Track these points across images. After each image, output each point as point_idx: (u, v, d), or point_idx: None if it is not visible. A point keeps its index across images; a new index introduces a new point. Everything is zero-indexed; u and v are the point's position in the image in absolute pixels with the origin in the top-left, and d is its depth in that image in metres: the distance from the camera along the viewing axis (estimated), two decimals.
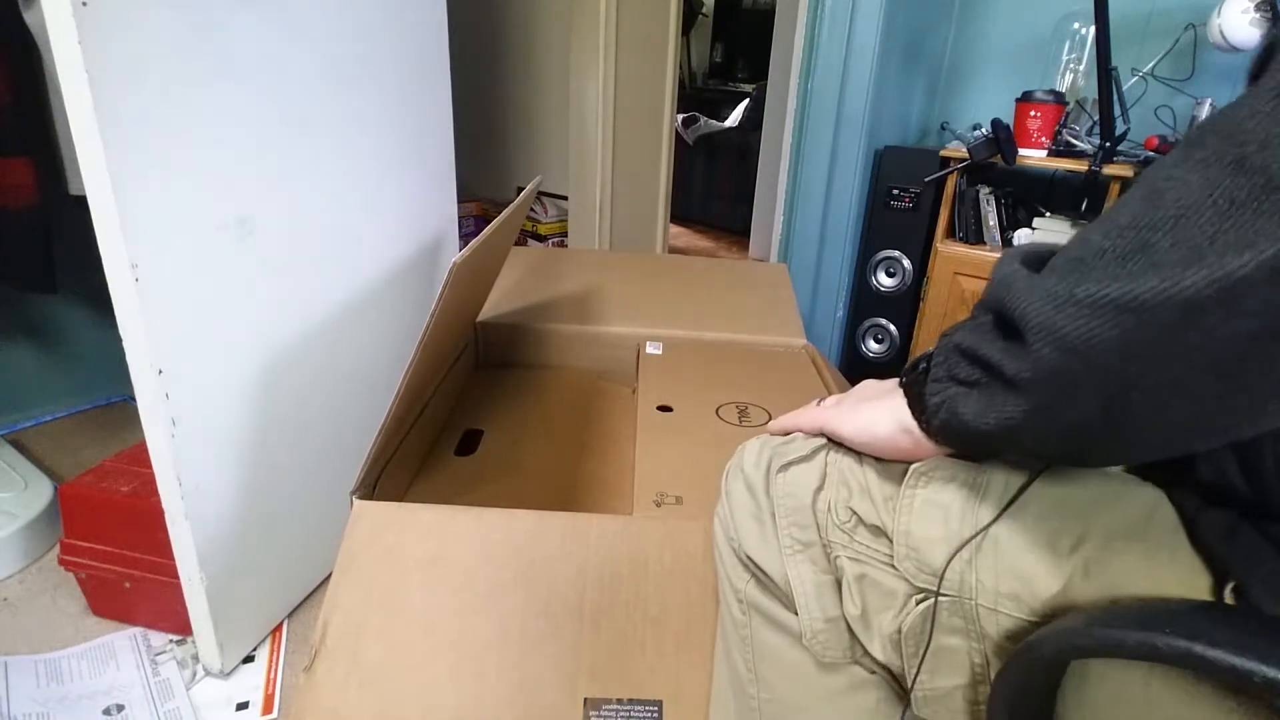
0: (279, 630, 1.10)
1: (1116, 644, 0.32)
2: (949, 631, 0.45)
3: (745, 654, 0.57)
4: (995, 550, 0.43)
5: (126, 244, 0.74)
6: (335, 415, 1.11)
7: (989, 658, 0.44)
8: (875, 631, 0.48)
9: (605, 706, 0.70)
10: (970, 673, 0.45)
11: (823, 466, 0.52)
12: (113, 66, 0.70)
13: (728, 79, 4.52)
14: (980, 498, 0.44)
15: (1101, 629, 0.34)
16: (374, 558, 0.74)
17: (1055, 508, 0.42)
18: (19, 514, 1.22)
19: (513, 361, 1.31)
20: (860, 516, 0.49)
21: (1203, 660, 0.28)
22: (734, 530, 0.56)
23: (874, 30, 1.71)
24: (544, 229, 2.59)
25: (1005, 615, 0.42)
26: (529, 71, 2.57)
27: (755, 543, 0.54)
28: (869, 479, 0.49)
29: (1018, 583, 0.42)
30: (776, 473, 0.54)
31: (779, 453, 0.54)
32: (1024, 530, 0.42)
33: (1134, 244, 0.30)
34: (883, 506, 0.48)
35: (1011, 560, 0.42)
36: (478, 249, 0.85)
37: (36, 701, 0.96)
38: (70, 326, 1.59)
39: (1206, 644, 0.28)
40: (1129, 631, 0.32)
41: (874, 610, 0.48)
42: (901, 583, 0.47)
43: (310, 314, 1.03)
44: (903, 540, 0.46)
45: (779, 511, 0.53)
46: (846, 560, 0.49)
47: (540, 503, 0.77)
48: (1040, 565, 0.41)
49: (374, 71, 1.08)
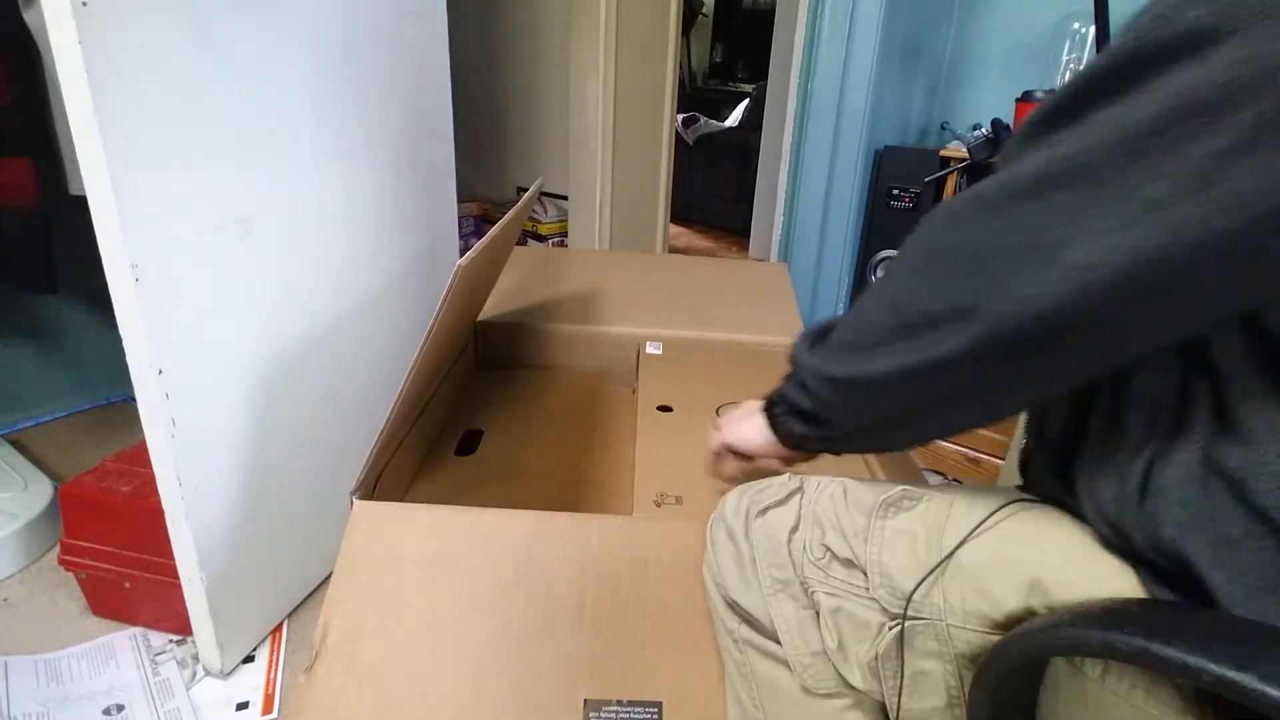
0: (279, 630, 1.10)
1: (1080, 643, 0.35)
2: (925, 655, 0.48)
3: (749, 690, 0.60)
4: (960, 573, 0.46)
5: (126, 244, 0.74)
6: (335, 415, 1.11)
7: (963, 679, 0.47)
8: (854, 662, 0.51)
9: (605, 708, 0.70)
10: (947, 695, 0.48)
11: (797, 509, 0.57)
12: (113, 66, 0.70)
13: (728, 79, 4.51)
14: (944, 526, 0.49)
15: (1066, 629, 0.35)
16: (374, 558, 0.74)
17: (1011, 534, 0.47)
18: (19, 514, 1.21)
19: (513, 361, 1.31)
20: (834, 552, 0.53)
21: (1157, 658, 0.30)
22: (720, 576, 0.61)
23: (874, 30, 1.71)
24: (544, 229, 2.59)
25: (974, 632, 0.46)
26: (529, 71, 2.57)
27: (738, 586, 0.59)
28: (840, 516, 0.54)
29: (983, 601, 0.45)
30: (754, 517, 0.59)
31: (756, 500, 0.60)
32: (985, 553, 0.46)
33: (861, 337, 0.47)
34: (854, 539, 0.52)
35: (976, 581, 0.46)
36: (482, 251, 0.85)
37: (36, 701, 0.96)
38: (70, 326, 1.58)
39: (1161, 643, 0.30)
40: (1091, 631, 0.34)
41: (850, 642, 0.52)
42: (875, 613, 0.50)
43: (310, 314, 1.03)
44: (875, 569, 0.50)
45: (758, 554, 0.57)
46: (823, 595, 0.53)
47: (540, 503, 0.77)
48: (1002, 584, 0.45)
49: (374, 72, 1.08)
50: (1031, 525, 0.47)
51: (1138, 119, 0.33)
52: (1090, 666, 0.39)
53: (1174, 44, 0.32)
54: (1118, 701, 0.38)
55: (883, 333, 0.45)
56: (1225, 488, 0.37)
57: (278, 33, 0.89)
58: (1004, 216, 0.38)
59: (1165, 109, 0.33)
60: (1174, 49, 0.32)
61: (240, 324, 0.91)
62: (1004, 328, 0.38)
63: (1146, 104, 0.33)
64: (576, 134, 2.37)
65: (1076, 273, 0.35)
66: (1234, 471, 0.37)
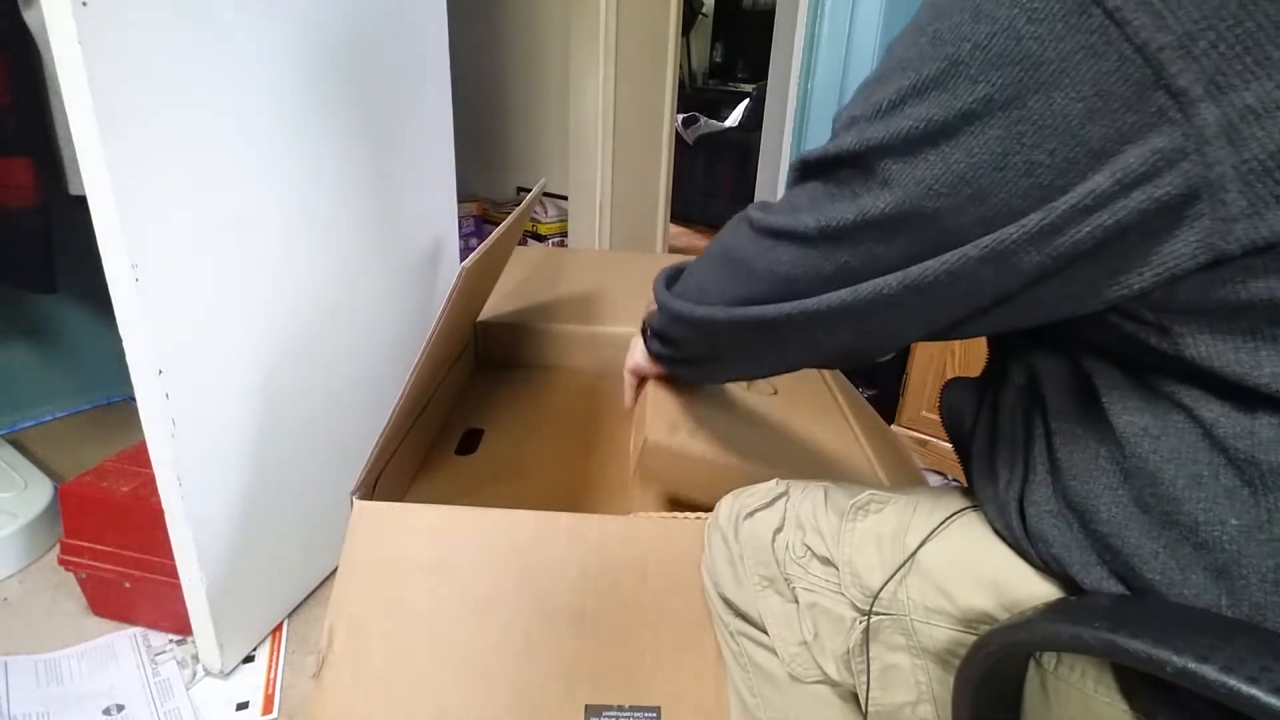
0: (279, 630, 1.10)
1: (1052, 636, 0.36)
2: (893, 649, 0.51)
3: (747, 680, 0.63)
4: (921, 572, 0.50)
5: (126, 244, 0.74)
6: (335, 415, 1.11)
7: (931, 675, 0.50)
8: (829, 654, 0.55)
9: (606, 712, 0.70)
10: (917, 690, 0.51)
11: (782, 511, 0.60)
12: (113, 66, 0.70)
13: (728, 79, 4.51)
14: (907, 528, 0.52)
15: (1040, 624, 0.37)
16: (376, 561, 0.74)
17: (964, 535, 0.50)
18: (19, 514, 1.21)
19: (513, 361, 1.31)
20: (813, 550, 0.56)
21: (1124, 651, 0.31)
22: (715, 576, 0.65)
23: (874, 30, 1.71)
24: (544, 229, 2.59)
25: (937, 627, 0.48)
26: (529, 71, 2.57)
27: (731, 584, 0.63)
28: (819, 517, 0.57)
29: (943, 598, 0.48)
30: (743, 520, 0.62)
31: (744, 504, 0.63)
32: (943, 553, 0.50)
33: (696, 284, 0.57)
34: (830, 539, 0.55)
35: (935, 579, 0.49)
36: (487, 252, 0.86)
37: (36, 701, 0.96)
38: (70, 326, 1.58)
39: (1128, 635, 0.31)
40: (1062, 625, 0.35)
41: (825, 635, 0.55)
42: (847, 609, 0.53)
43: (310, 314, 1.03)
44: (846, 569, 0.53)
45: (745, 553, 0.61)
46: (801, 590, 0.56)
47: (540, 503, 0.77)
48: (959, 582, 0.48)
49: (374, 71, 1.08)
50: (981, 528, 0.50)
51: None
52: (1046, 658, 0.41)
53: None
54: (1069, 689, 0.40)
55: (698, 294, 0.56)
56: (1077, 520, 0.41)
57: (278, 33, 0.89)
58: (777, 250, 0.47)
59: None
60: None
61: (240, 324, 0.91)
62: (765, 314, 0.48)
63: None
64: (576, 134, 2.37)
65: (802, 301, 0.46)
66: (1078, 504, 0.41)
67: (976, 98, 0.34)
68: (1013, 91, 0.33)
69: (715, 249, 0.55)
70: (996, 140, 0.34)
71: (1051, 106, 0.33)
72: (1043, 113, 0.33)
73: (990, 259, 0.37)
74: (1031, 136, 0.33)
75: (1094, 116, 0.32)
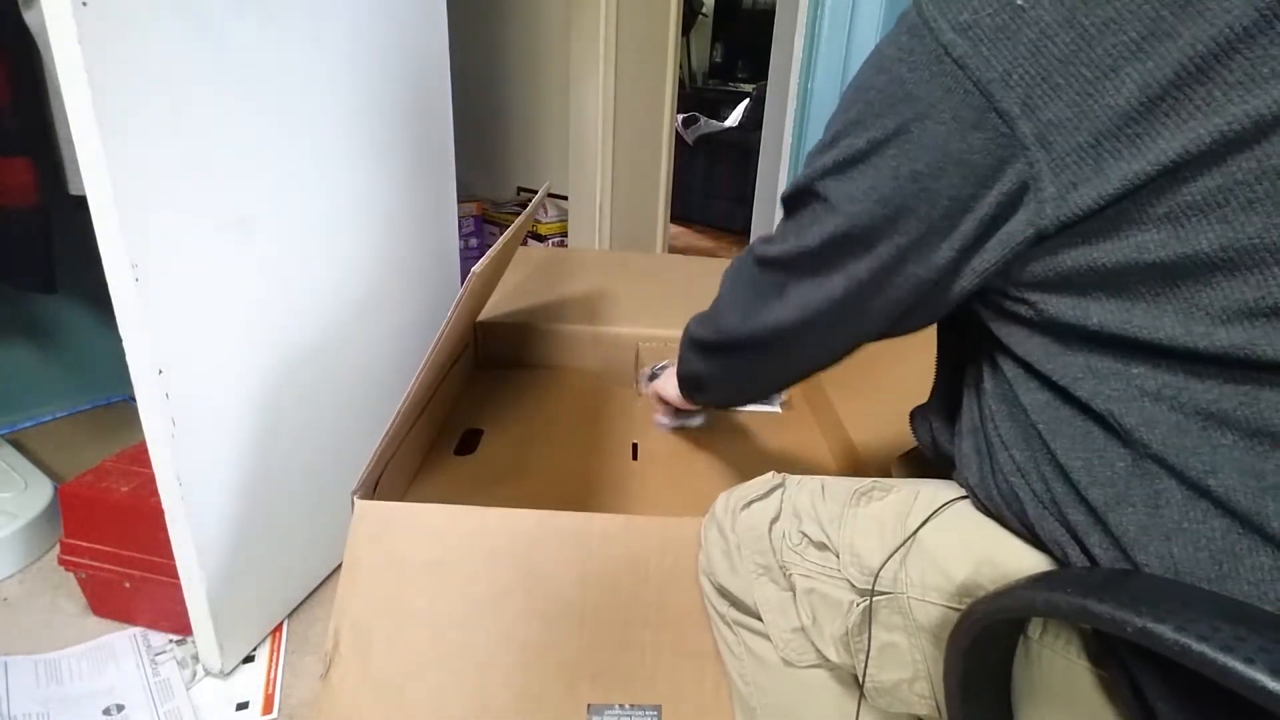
0: (279, 630, 1.10)
1: (1029, 602, 0.40)
2: (890, 628, 0.54)
3: (742, 668, 0.66)
4: (921, 551, 0.53)
5: (126, 244, 0.74)
6: (336, 415, 1.11)
7: (926, 652, 0.53)
8: (827, 637, 0.57)
9: (608, 711, 0.70)
10: (913, 668, 0.53)
11: (779, 502, 0.63)
12: (113, 66, 0.70)
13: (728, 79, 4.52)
14: (909, 511, 0.55)
15: (1020, 591, 0.40)
16: (378, 561, 0.74)
17: (963, 517, 0.54)
18: (19, 514, 1.21)
19: (513, 361, 1.31)
20: (809, 537, 0.59)
21: (1094, 615, 0.34)
22: (710, 567, 0.68)
23: (874, 30, 1.71)
24: (544, 229, 2.59)
25: (932, 605, 0.52)
26: (529, 71, 2.57)
27: (726, 574, 0.65)
28: (817, 506, 0.60)
29: (940, 576, 0.51)
30: (740, 511, 0.65)
31: (741, 496, 0.67)
32: (942, 533, 0.53)
33: (710, 315, 0.70)
34: (828, 525, 0.58)
35: (933, 557, 0.52)
36: (495, 257, 0.86)
37: (36, 701, 0.96)
38: (70, 326, 1.58)
39: (1095, 600, 0.34)
40: (1039, 592, 0.39)
41: (823, 619, 0.58)
42: (845, 591, 0.56)
43: (310, 314, 1.02)
44: (847, 550, 0.56)
45: (742, 542, 0.64)
46: (798, 577, 0.59)
47: (540, 502, 0.77)
48: (955, 560, 0.52)
49: (374, 71, 1.08)
50: (976, 511, 0.54)
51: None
52: (1033, 628, 0.45)
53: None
54: (1053, 656, 0.44)
55: (715, 322, 0.68)
56: (1028, 483, 0.48)
57: (278, 32, 0.89)
58: (776, 275, 0.59)
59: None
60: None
61: (240, 324, 0.91)
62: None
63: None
64: (576, 134, 2.37)
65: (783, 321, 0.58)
66: (1025, 469, 0.48)
67: (882, 128, 0.45)
68: (903, 121, 0.44)
69: (726, 282, 0.66)
70: (894, 158, 0.45)
71: (926, 130, 0.43)
72: (921, 135, 0.43)
73: (910, 257, 0.47)
74: (916, 153, 0.44)
75: (954, 136, 0.42)
